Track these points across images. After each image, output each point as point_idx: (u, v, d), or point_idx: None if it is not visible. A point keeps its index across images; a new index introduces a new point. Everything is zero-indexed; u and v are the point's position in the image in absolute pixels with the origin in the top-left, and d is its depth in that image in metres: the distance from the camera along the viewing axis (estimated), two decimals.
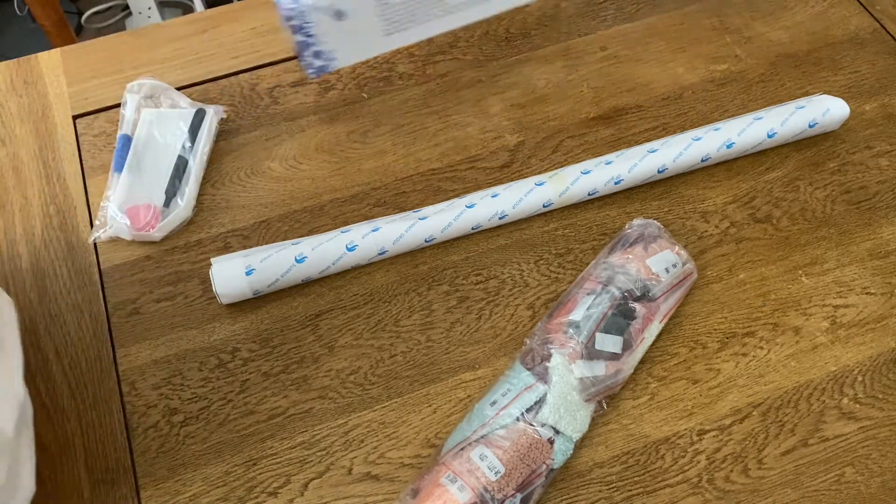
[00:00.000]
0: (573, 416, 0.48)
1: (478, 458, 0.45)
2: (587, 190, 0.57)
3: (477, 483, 0.44)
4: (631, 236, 0.54)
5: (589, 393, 0.48)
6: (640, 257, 0.52)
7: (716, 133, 0.59)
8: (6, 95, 0.64)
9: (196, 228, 0.58)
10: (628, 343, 0.50)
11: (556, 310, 0.52)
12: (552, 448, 0.47)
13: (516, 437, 0.46)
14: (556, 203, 0.57)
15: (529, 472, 0.45)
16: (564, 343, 0.49)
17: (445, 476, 0.45)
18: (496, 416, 0.47)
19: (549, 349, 0.49)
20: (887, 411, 0.51)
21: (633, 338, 0.50)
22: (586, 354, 0.49)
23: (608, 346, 0.49)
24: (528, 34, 0.68)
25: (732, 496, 0.48)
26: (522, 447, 0.46)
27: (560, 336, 0.50)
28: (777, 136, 0.59)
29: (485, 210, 0.56)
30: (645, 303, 0.51)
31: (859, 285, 0.56)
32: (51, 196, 0.59)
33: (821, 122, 0.60)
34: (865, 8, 0.70)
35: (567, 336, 0.49)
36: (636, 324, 0.50)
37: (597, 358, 0.49)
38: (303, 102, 0.64)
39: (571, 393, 0.48)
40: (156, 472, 0.49)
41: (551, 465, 0.47)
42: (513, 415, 0.47)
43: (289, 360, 0.53)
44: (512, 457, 0.45)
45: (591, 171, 0.57)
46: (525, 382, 0.48)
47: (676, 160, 0.58)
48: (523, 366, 0.49)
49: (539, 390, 0.48)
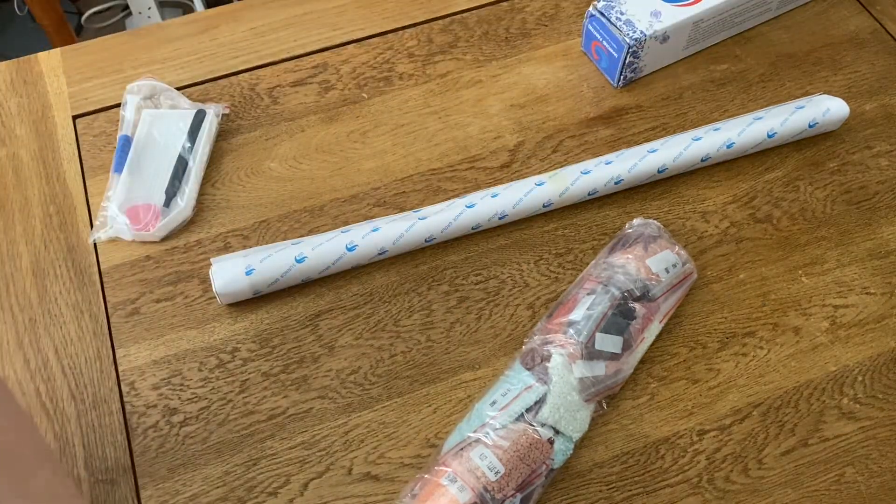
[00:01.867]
0: (573, 416, 0.48)
1: (478, 457, 0.45)
2: (587, 190, 0.57)
3: (477, 483, 0.44)
4: (631, 236, 0.54)
5: (589, 393, 0.48)
6: (639, 257, 0.52)
7: (716, 133, 0.59)
8: (6, 95, 0.64)
9: (196, 228, 0.58)
10: (628, 343, 0.50)
11: (556, 310, 0.52)
12: (552, 448, 0.47)
13: (516, 437, 0.46)
14: (556, 203, 0.57)
15: (529, 472, 0.45)
16: (564, 343, 0.49)
17: (445, 476, 0.45)
18: (496, 417, 0.47)
19: (549, 349, 0.49)
20: (887, 411, 0.51)
21: (633, 338, 0.50)
22: (586, 354, 0.49)
23: (608, 347, 0.49)
24: (528, 34, 0.68)
25: (732, 496, 0.48)
26: (522, 447, 0.46)
27: (560, 336, 0.50)
28: (777, 136, 0.59)
29: (485, 210, 0.56)
30: (645, 303, 0.51)
31: (859, 285, 0.56)
32: (51, 196, 0.60)
33: (821, 122, 0.60)
34: (865, 8, 0.70)
35: (567, 336, 0.49)
36: (636, 324, 0.50)
37: (597, 358, 0.49)
38: (303, 102, 0.64)
39: (571, 393, 0.48)
40: (155, 472, 0.49)
41: (551, 465, 0.47)
42: (513, 415, 0.47)
43: (289, 360, 0.53)
44: (512, 457, 0.45)
45: (591, 170, 0.57)
46: (525, 382, 0.48)
47: (676, 160, 0.58)
48: (523, 366, 0.49)
49: (539, 390, 0.48)
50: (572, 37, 0.68)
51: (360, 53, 0.67)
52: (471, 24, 0.69)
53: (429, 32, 0.69)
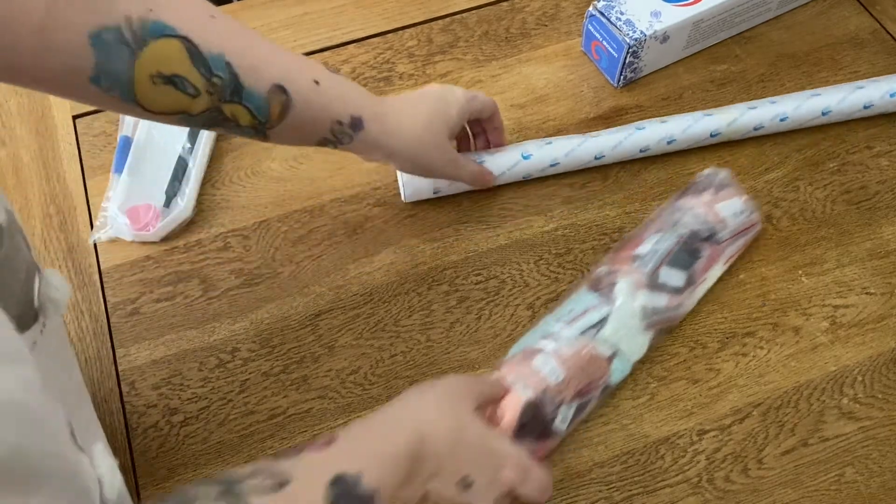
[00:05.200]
0: (633, 340, 0.51)
1: (541, 363, 0.49)
2: (752, 125, 0.60)
3: (538, 384, 0.47)
4: (701, 184, 0.56)
5: (650, 321, 0.51)
6: (708, 202, 0.55)
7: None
8: (6, 95, 0.64)
9: (196, 228, 0.58)
10: (692, 279, 0.52)
11: (624, 245, 0.54)
12: (610, 365, 0.50)
13: (578, 349, 0.49)
14: (723, 133, 0.60)
15: (587, 383, 0.49)
16: (631, 272, 0.52)
17: (510, 376, 0.48)
18: (561, 330, 0.50)
19: (616, 277, 0.52)
20: (887, 411, 0.51)
21: (697, 275, 0.53)
22: (650, 285, 0.52)
23: (672, 280, 0.52)
24: (528, 34, 0.68)
25: (732, 496, 0.48)
26: (583, 359, 0.49)
27: (627, 266, 0.52)
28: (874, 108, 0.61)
29: (654, 134, 0.59)
30: (711, 244, 0.53)
31: (859, 285, 0.56)
32: (51, 196, 0.60)
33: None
34: (865, 8, 0.70)
35: (634, 267, 0.52)
36: (700, 262, 0.53)
37: (660, 290, 0.52)
38: None
39: (633, 318, 0.51)
40: (156, 472, 0.49)
41: (608, 381, 0.50)
42: (577, 330, 0.50)
43: (289, 360, 0.53)
44: (572, 366, 0.48)
45: (757, 107, 0.60)
46: (590, 303, 0.51)
47: (840, 104, 0.60)
48: (590, 289, 0.52)
49: (603, 311, 0.51)
50: (572, 37, 0.68)
51: (360, 53, 0.67)
52: (471, 24, 0.69)
53: (429, 32, 0.69)
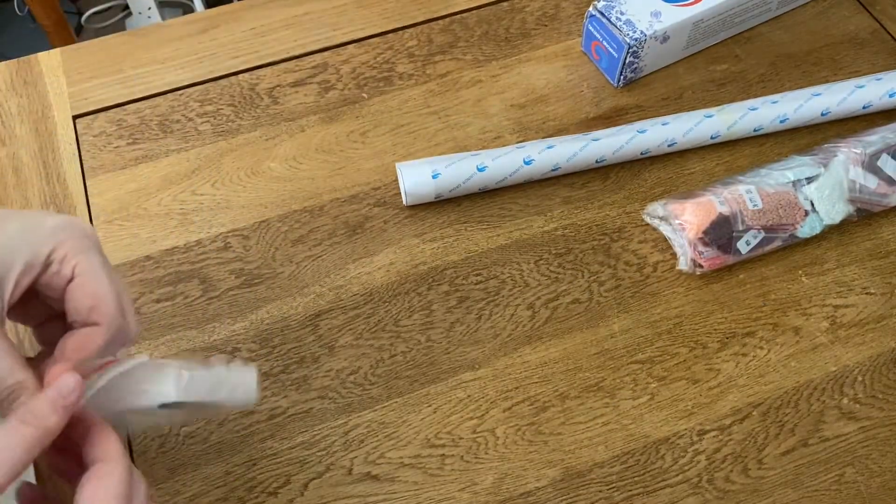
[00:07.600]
0: (832, 204, 0.54)
1: (744, 191, 0.54)
2: (752, 126, 0.60)
3: (736, 205, 0.53)
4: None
5: (854, 195, 0.55)
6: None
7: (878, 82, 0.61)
8: (6, 95, 0.64)
9: (196, 228, 0.58)
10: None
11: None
12: (804, 217, 0.54)
13: (780, 190, 0.54)
14: (723, 135, 0.60)
15: (778, 221, 0.54)
16: (852, 149, 0.56)
17: (713, 194, 0.54)
18: (771, 171, 0.55)
19: (837, 151, 0.56)
20: (887, 411, 0.51)
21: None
22: (867, 165, 0.55)
23: (888, 169, 0.55)
24: (528, 34, 0.68)
25: (732, 496, 0.48)
26: (782, 200, 0.54)
27: (851, 142, 0.57)
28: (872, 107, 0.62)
29: (655, 136, 0.59)
30: None
31: (859, 285, 0.56)
32: (51, 196, 0.60)
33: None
34: (865, 8, 0.70)
35: (856, 145, 0.56)
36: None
37: (875, 172, 0.55)
38: (303, 102, 0.64)
39: (840, 186, 0.54)
40: (156, 472, 0.49)
41: (796, 230, 0.54)
42: (783, 178, 0.55)
43: (289, 360, 0.53)
44: (771, 202, 0.54)
45: (758, 108, 0.60)
46: (805, 163, 0.56)
47: (840, 105, 0.60)
48: (806, 155, 0.57)
49: (813, 170, 0.55)
50: (572, 37, 0.68)
51: (360, 53, 0.67)
52: (471, 24, 0.69)
53: (429, 32, 0.69)
